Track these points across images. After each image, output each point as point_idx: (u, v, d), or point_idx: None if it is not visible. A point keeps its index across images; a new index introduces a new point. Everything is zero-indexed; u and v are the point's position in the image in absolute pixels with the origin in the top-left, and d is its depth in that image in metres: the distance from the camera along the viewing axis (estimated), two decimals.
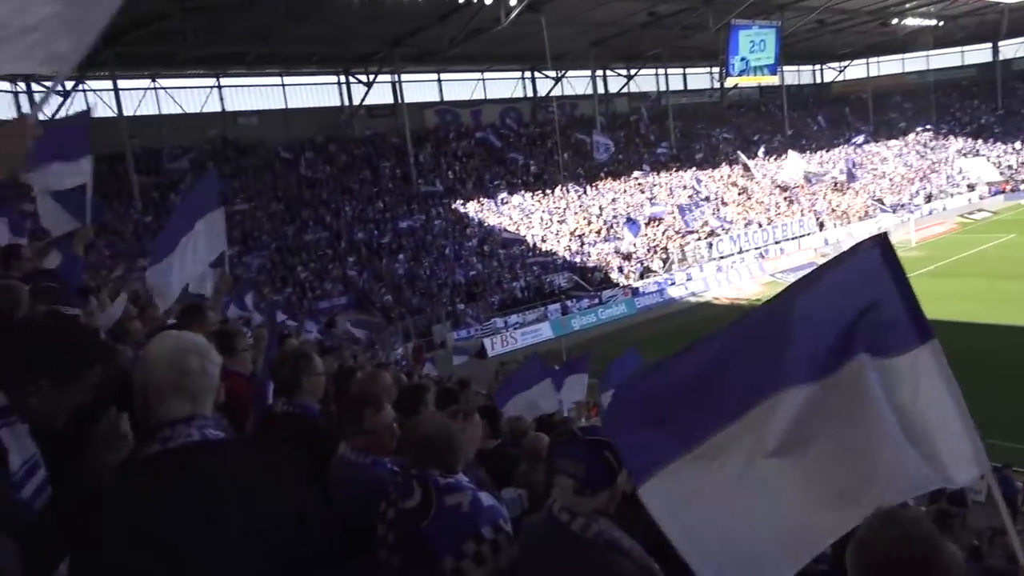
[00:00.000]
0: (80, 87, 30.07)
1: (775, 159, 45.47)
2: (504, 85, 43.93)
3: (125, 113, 29.42)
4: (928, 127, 52.40)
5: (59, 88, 29.74)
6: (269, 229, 29.80)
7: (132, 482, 1.68)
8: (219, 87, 34.51)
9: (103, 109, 30.46)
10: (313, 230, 30.55)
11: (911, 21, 46.30)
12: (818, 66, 58.97)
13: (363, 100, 37.33)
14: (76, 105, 30.44)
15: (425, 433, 2.60)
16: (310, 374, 3.31)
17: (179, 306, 5.70)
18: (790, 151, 45.06)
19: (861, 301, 2.12)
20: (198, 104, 34.16)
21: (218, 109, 34.54)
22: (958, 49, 54.68)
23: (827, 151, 48.76)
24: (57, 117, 28.26)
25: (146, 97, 32.39)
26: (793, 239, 38.31)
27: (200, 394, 1.80)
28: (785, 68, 46.97)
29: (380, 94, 37.86)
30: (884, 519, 1.77)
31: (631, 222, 35.37)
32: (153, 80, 32.38)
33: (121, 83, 29.45)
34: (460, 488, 2.45)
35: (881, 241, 2.16)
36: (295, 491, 1.75)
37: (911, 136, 52.24)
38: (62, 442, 1.94)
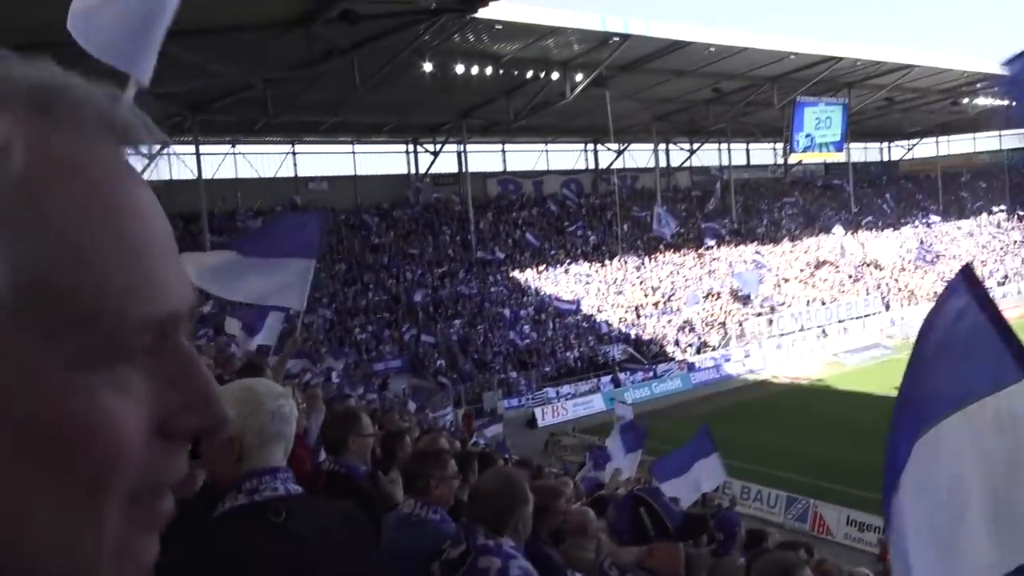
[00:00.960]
0: (164, 151, 31.88)
1: (853, 234, 44.89)
2: (566, 156, 44.79)
3: (204, 176, 30.95)
4: (1002, 208, 50.93)
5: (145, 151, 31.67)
6: (330, 291, 30.59)
7: (222, 536, 1.61)
8: (293, 153, 36.18)
9: (183, 171, 32.27)
10: (374, 292, 31.24)
11: (982, 100, 45.59)
12: (886, 144, 58.32)
13: (429, 168, 38.56)
14: (160, 169, 32.19)
15: (479, 487, 2.68)
16: (357, 435, 3.36)
17: (240, 362, 5.87)
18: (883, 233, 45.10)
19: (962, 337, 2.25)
20: (273, 169, 35.82)
21: (291, 174, 36.12)
22: None
23: (895, 230, 47.76)
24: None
25: (224, 161, 34.15)
26: (858, 319, 37.23)
27: (287, 444, 1.75)
28: (852, 145, 46.59)
29: (445, 163, 39.10)
30: None
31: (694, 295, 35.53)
32: (232, 146, 34.15)
33: (202, 148, 31.15)
34: (495, 552, 2.45)
35: (964, 272, 2.33)
36: (367, 551, 1.73)
37: (984, 217, 50.82)
38: None
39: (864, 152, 56.55)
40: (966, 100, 45.31)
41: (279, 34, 21.35)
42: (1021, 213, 50.45)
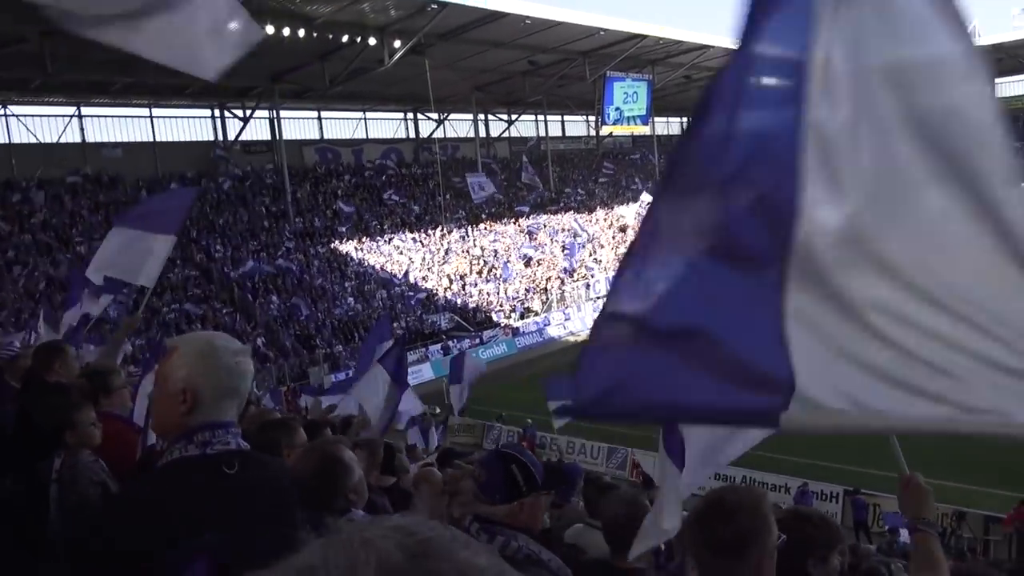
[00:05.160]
0: None
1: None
2: (387, 125, 43.92)
3: None
4: None
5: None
6: None
7: (171, 478, 1.60)
8: (79, 116, 32.47)
9: None
10: (181, 268, 29.03)
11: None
12: (686, 119, 62.74)
13: (239, 135, 36.26)
14: None
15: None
16: None
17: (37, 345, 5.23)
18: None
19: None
20: (55, 134, 31.98)
21: (78, 140, 32.45)
22: None
23: None
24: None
25: None
26: None
27: (240, 401, 1.74)
28: (656, 119, 49.64)
29: (257, 130, 36.94)
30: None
31: (506, 264, 36.43)
32: (4, 106, 30.11)
33: None
34: None
35: None
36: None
37: None
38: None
39: (667, 126, 60.56)
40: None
41: None
42: None
